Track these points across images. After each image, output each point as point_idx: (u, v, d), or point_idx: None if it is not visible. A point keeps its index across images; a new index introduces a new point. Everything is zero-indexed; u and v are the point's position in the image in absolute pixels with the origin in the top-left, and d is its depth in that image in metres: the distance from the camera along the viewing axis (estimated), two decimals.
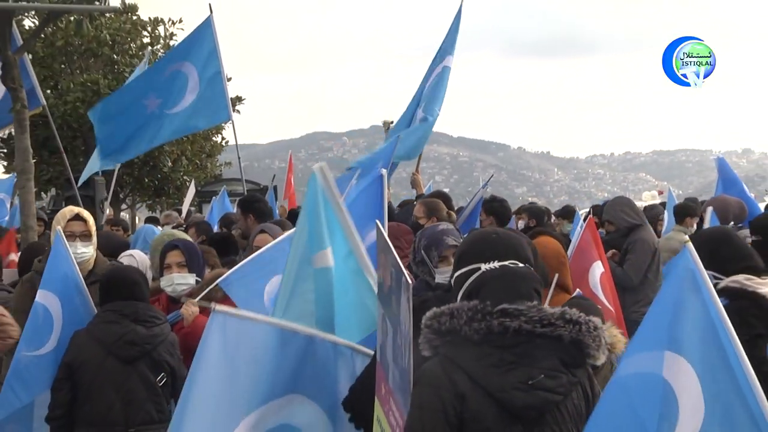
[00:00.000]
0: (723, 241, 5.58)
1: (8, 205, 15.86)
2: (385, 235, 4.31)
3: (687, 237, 3.93)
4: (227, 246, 8.83)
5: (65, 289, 6.67)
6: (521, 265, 3.88)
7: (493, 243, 3.97)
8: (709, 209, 9.47)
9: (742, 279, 5.21)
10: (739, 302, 4.99)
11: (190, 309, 6.62)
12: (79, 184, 15.39)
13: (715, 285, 3.64)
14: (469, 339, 3.64)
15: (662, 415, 3.53)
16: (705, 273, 3.41)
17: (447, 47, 12.65)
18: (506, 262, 3.86)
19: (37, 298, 6.45)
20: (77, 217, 7.25)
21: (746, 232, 8.59)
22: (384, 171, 6.67)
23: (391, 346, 3.99)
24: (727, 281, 5.19)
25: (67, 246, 6.72)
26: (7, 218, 15.37)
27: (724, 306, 3.38)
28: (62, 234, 6.76)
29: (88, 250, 7.24)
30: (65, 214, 7.29)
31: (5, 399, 6.22)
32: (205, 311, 6.54)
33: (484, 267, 3.86)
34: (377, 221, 4.85)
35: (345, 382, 4.75)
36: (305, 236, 5.29)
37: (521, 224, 11.95)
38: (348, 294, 5.20)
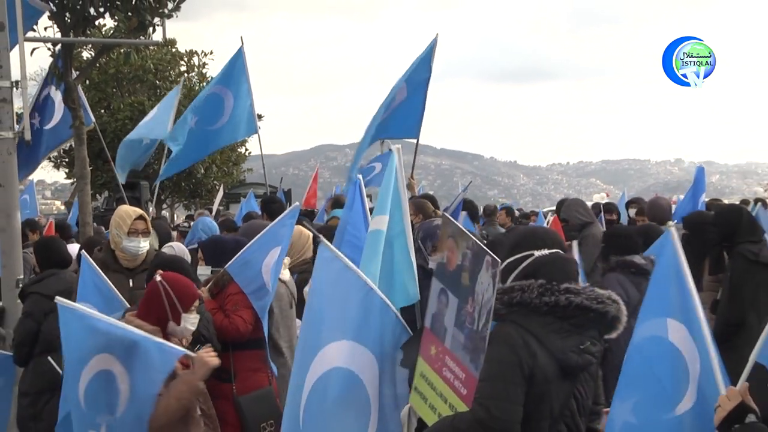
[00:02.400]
0: None
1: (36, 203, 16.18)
2: (455, 221, 4.46)
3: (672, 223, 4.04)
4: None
5: (100, 297, 6.54)
6: (563, 253, 4.08)
7: (543, 235, 4.18)
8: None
9: None
10: None
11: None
12: (157, 181, 15.97)
13: None
14: (536, 310, 3.77)
15: (674, 372, 3.65)
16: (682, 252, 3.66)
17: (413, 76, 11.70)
18: (554, 250, 4.01)
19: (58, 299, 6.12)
20: (140, 217, 7.16)
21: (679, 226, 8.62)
22: (360, 177, 6.66)
23: (453, 315, 4.07)
24: None
25: (93, 265, 6.56)
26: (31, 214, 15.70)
27: None
28: (88, 258, 6.57)
29: (147, 245, 7.19)
30: (130, 214, 7.15)
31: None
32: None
33: (537, 253, 3.98)
34: (444, 213, 4.90)
35: (390, 339, 4.76)
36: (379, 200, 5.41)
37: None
38: (389, 266, 5.20)
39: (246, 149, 36.22)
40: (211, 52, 33.92)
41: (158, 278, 5.15)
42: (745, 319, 6.65)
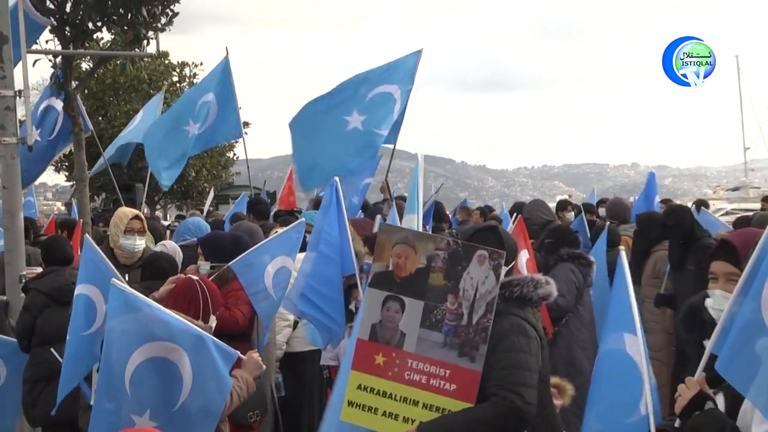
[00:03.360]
0: None
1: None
2: (404, 227, 4.48)
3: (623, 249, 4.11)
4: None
5: (103, 280, 6.57)
6: None
7: (510, 237, 4.30)
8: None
9: None
10: None
11: None
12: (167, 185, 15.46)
13: None
14: (530, 301, 3.87)
15: (631, 380, 3.72)
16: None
17: (390, 76, 11.17)
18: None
19: (78, 290, 5.99)
20: (136, 218, 7.21)
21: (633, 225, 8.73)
22: (337, 179, 6.64)
23: (417, 318, 3.93)
24: None
25: (97, 249, 6.55)
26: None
27: None
28: (91, 241, 6.59)
29: (142, 243, 7.21)
30: (127, 214, 7.22)
31: (66, 378, 5.79)
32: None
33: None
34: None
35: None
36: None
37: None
38: None
39: (234, 154, 36.27)
40: (201, 63, 34.23)
41: (195, 278, 5.20)
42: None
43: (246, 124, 33.33)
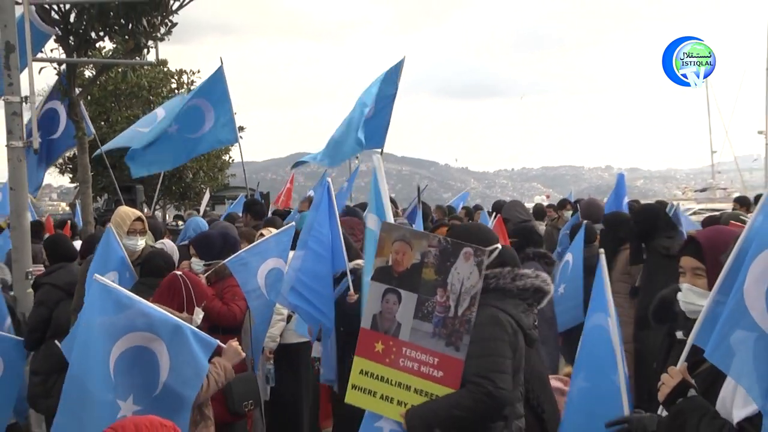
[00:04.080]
0: None
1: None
2: (400, 225, 4.47)
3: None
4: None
5: (121, 268, 6.63)
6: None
7: (488, 231, 4.35)
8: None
9: None
10: None
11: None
12: (134, 176, 15.42)
13: None
14: (509, 293, 3.88)
15: (608, 352, 3.79)
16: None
17: (376, 91, 11.71)
18: (502, 244, 4.15)
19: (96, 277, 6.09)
20: (139, 219, 7.22)
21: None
22: (329, 179, 6.68)
23: (411, 309, 4.02)
24: None
25: (118, 238, 6.65)
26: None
27: None
28: (114, 230, 6.68)
29: (143, 243, 7.24)
30: (130, 216, 7.23)
31: None
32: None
33: (499, 246, 4.07)
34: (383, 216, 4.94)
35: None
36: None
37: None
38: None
39: (230, 157, 36.18)
40: (198, 71, 34.02)
41: (179, 273, 5.23)
42: None
43: (241, 128, 33.50)
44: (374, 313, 4.20)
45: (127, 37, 12.92)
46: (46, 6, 11.92)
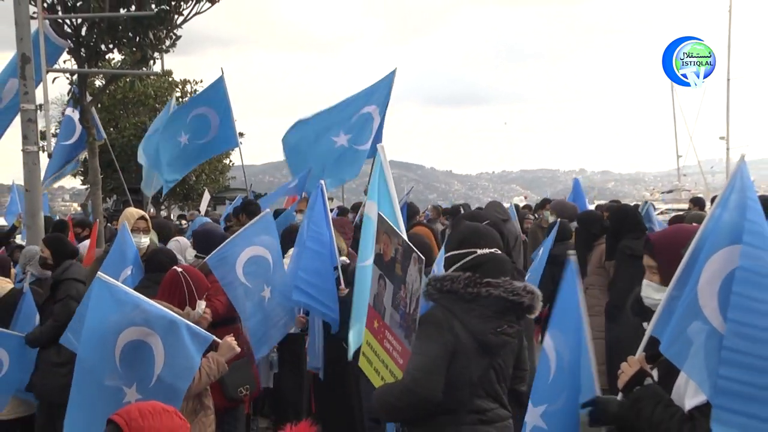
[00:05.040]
0: None
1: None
2: (389, 221, 4.37)
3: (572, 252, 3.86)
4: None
5: (135, 263, 6.60)
6: (499, 252, 3.93)
7: (485, 235, 3.98)
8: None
9: None
10: None
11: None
12: (150, 195, 15.55)
13: None
14: (462, 298, 3.70)
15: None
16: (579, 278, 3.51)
17: (369, 98, 11.36)
18: (493, 249, 3.89)
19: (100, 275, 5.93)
20: (142, 218, 7.21)
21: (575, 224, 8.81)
22: (323, 182, 6.66)
23: (390, 297, 4.04)
24: None
25: (131, 236, 6.62)
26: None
27: None
28: (128, 228, 6.65)
29: (147, 240, 7.21)
30: (134, 215, 7.23)
31: None
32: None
33: (479, 251, 3.85)
34: (380, 213, 4.77)
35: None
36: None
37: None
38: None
39: (230, 160, 36.20)
40: (201, 81, 34.05)
41: (179, 269, 5.20)
42: (624, 303, 6.80)
43: (241, 134, 33.51)
44: (374, 293, 4.28)
45: (134, 49, 12.94)
46: (60, 20, 11.92)
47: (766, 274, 2.61)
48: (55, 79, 11.74)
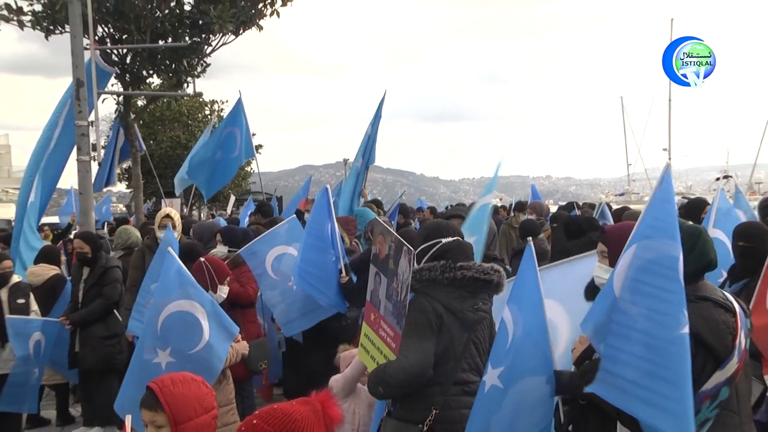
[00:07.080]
0: None
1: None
2: (382, 222, 4.33)
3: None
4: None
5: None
6: (462, 239, 3.91)
7: (446, 227, 3.96)
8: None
9: None
10: None
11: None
12: (177, 193, 15.57)
13: None
14: (440, 283, 3.66)
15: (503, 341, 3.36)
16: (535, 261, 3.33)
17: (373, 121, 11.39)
18: (455, 237, 3.87)
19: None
20: (167, 216, 7.21)
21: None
22: (328, 186, 6.57)
23: (384, 290, 3.97)
24: None
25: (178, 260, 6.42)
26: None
27: None
28: (173, 253, 6.32)
29: (175, 234, 7.20)
30: (161, 214, 7.33)
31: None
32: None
33: (444, 240, 3.82)
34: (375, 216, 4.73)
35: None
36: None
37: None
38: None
39: (251, 168, 36.19)
40: (227, 101, 34.09)
41: (202, 260, 5.23)
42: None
43: (259, 146, 33.62)
44: (371, 289, 4.21)
45: (171, 74, 13.04)
46: (108, 51, 11.98)
47: (652, 260, 2.60)
48: (104, 99, 11.81)
